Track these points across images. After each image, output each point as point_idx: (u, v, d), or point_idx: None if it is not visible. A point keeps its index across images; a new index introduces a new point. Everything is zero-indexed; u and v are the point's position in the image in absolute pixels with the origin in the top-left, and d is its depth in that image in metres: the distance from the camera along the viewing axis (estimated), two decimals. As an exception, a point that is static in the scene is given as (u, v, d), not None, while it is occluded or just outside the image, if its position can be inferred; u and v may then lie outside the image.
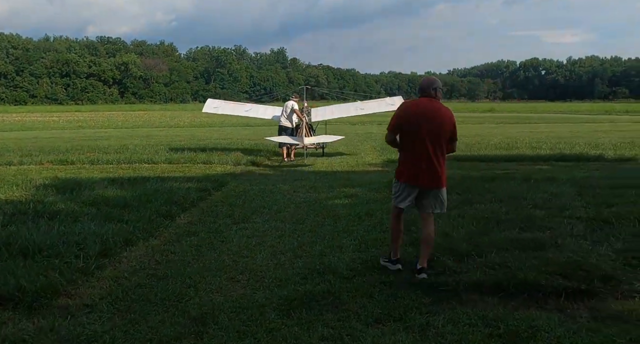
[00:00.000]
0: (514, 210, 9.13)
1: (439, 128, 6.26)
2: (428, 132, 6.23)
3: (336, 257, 7.12)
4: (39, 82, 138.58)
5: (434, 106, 6.35)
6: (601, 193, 10.49)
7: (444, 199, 6.50)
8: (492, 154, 18.37)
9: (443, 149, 6.36)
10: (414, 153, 6.35)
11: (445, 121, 6.32)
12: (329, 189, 12.44)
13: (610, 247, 6.89)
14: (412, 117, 6.35)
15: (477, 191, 10.86)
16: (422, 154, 6.29)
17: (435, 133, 6.25)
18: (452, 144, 6.52)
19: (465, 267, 6.29)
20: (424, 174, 6.32)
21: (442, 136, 6.30)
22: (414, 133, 6.29)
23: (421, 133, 6.24)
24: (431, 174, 6.31)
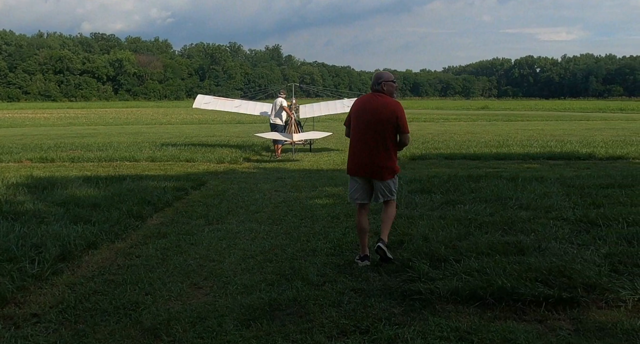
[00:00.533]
0: (498, 211, 8.77)
1: (380, 121, 6.43)
2: (370, 125, 6.47)
3: (308, 261, 6.75)
4: (32, 79, 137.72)
5: (378, 100, 6.53)
6: (589, 193, 10.14)
7: (393, 188, 6.73)
8: (482, 152, 18.02)
9: (387, 142, 6.51)
10: (357, 146, 6.64)
11: (387, 114, 6.44)
12: (311, 189, 12.06)
13: (596, 252, 6.53)
14: (358, 111, 6.63)
15: (462, 191, 10.51)
16: (363, 147, 6.56)
17: (377, 126, 6.44)
18: (401, 137, 6.64)
19: (441, 273, 5.91)
20: (367, 166, 6.57)
21: (385, 129, 6.45)
22: (358, 127, 6.58)
23: (364, 126, 6.51)
24: (373, 166, 6.54)
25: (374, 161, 6.52)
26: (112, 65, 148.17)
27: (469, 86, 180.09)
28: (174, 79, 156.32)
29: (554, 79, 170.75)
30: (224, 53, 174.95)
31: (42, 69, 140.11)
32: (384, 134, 6.45)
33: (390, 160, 6.59)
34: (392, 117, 6.45)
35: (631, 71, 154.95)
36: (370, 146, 6.50)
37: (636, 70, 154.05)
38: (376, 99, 6.55)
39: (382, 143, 6.47)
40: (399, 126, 6.50)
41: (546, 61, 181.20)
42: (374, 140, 6.47)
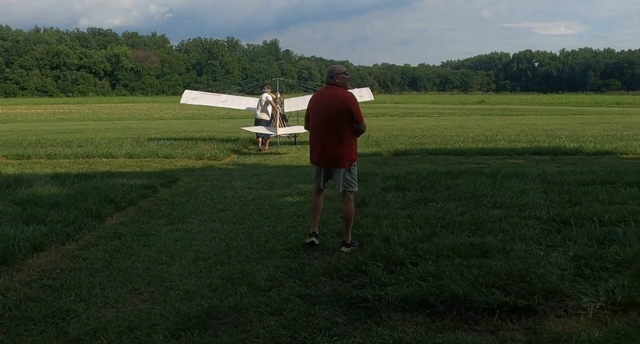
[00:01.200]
0: (470, 210, 8.41)
1: (336, 113, 6.78)
2: (325, 117, 6.86)
3: (261, 264, 6.40)
4: (29, 75, 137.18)
5: (331, 93, 6.90)
6: (569, 190, 9.79)
7: (352, 178, 7.02)
8: (468, 147, 17.63)
9: (344, 132, 6.82)
10: (315, 136, 7.07)
11: (342, 106, 6.77)
12: (285, 186, 11.69)
13: (564, 254, 6.17)
14: (315, 105, 7.05)
15: (438, 188, 10.14)
16: (320, 137, 6.97)
17: (332, 117, 6.80)
18: (358, 126, 6.92)
19: (395, 278, 5.55)
20: (323, 155, 6.99)
21: (339, 119, 6.78)
22: (316, 119, 7.00)
23: (321, 119, 6.91)
24: (330, 155, 6.93)
25: (333, 150, 6.88)
26: (109, 61, 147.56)
27: (467, 81, 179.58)
28: (171, 74, 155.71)
29: (553, 73, 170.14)
30: (222, 48, 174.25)
31: (39, 64, 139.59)
32: (340, 124, 6.79)
33: (348, 148, 6.91)
34: (346, 109, 6.76)
35: (629, 65, 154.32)
36: (328, 137, 6.86)
37: (634, 64, 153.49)
38: (330, 92, 6.91)
39: (339, 133, 6.81)
40: (354, 116, 6.81)
41: (544, 55, 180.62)
42: (331, 131, 6.83)
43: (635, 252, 6.07)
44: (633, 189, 9.90)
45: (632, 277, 5.37)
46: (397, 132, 24.83)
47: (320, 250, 6.85)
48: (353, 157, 6.99)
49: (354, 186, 7.04)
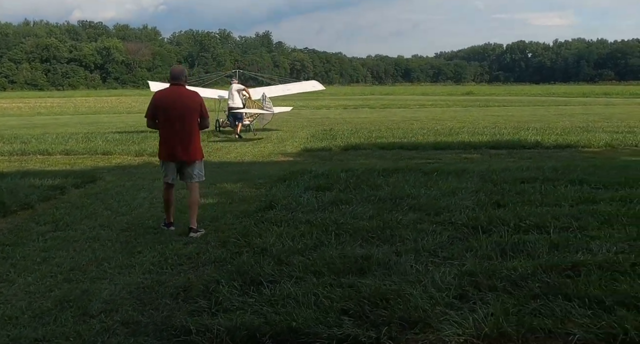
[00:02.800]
0: (382, 213, 7.56)
1: (188, 110, 7.33)
2: (176, 114, 7.26)
3: (113, 281, 5.57)
4: (18, 68, 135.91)
5: (182, 92, 7.42)
6: (503, 189, 8.94)
7: (201, 169, 7.70)
8: (426, 141, 16.78)
9: (192, 128, 7.40)
10: (167, 134, 7.40)
11: (192, 103, 7.39)
12: (209, 185, 10.73)
13: (456, 268, 5.33)
14: (165, 103, 7.35)
15: (363, 188, 9.27)
16: (173, 134, 7.34)
17: (185, 114, 7.30)
18: (202, 122, 7.58)
19: (244, 302, 4.71)
20: (177, 151, 7.37)
21: (191, 116, 7.36)
22: (165, 117, 7.33)
23: (170, 116, 7.28)
24: (182, 150, 7.36)
25: (185, 145, 7.35)
26: (100, 54, 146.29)
27: (460, 72, 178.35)
28: (163, 67, 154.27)
29: (546, 63, 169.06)
30: (213, 40, 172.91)
31: (29, 57, 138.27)
32: (190, 120, 7.35)
33: (198, 142, 7.60)
34: (196, 106, 7.39)
35: (622, 56, 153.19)
36: (181, 133, 7.31)
37: (627, 54, 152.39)
38: (180, 91, 7.42)
39: (190, 129, 7.36)
40: (202, 112, 7.46)
41: (538, 46, 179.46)
42: (183, 127, 7.30)
43: (536, 267, 5.23)
44: (574, 187, 9.06)
45: (516, 301, 4.54)
46: (364, 125, 23.96)
47: (190, 265, 6.01)
48: (202, 150, 7.76)
49: (202, 176, 7.74)
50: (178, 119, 7.24)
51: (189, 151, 7.38)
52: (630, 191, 8.60)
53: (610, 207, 7.49)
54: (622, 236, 6.23)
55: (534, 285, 4.87)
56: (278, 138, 19.69)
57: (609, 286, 4.79)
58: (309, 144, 16.64)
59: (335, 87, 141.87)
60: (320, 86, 27.73)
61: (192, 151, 7.41)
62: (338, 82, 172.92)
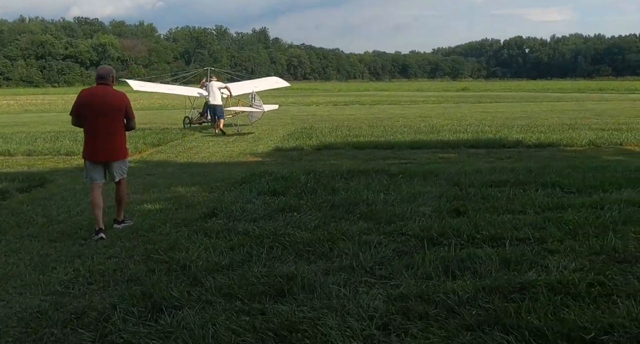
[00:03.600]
0: (328, 223, 6.94)
1: (113, 109, 7.26)
2: (103, 114, 7.20)
3: (8, 306, 4.94)
4: (13, 65, 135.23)
5: (107, 92, 7.32)
6: (468, 194, 8.30)
7: (125, 167, 7.66)
8: (404, 140, 16.12)
9: (116, 128, 7.35)
10: (92, 133, 7.33)
11: (118, 103, 7.31)
12: (164, 189, 10.21)
13: (387, 291, 4.71)
14: (91, 103, 7.26)
15: (319, 193, 8.64)
16: (98, 134, 7.28)
17: (110, 114, 7.25)
18: (129, 123, 7.54)
19: (133, 332, 4.09)
20: (104, 150, 7.33)
21: (117, 116, 7.31)
22: (90, 117, 7.25)
23: (97, 116, 7.20)
24: (109, 149, 7.34)
25: (110, 144, 7.32)
26: (96, 50, 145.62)
27: (457, 67, 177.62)
28: (159, 63, 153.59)
29: (543, 59, 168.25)
30: (210, 36, 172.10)
31: (24, 54, 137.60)
32: (115, 121, 7.30)
33: (123, 142, 7.55)
34: (122, 105, 7.33)
35: (620, 51, 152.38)
36: (106, 132, 7.26)
37: (625, 50, 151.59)
38: (106, 91, 7.33)
39: (115, 128, 7.33)
40: (128, 112, 7.40)
41: (535, 42, 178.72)
42: (109, 126, 7.25)
43: (479, 290, 4.61)
44: (545, 191, 8.45)
45: (445, 333, 3.92)
46: (347, 122, 23.30)
47: (102, 284, 5.38)
48: (126, 149, 7.80)
49: (125, 173, 7.68)
50: (102, 119, 7.21)
51: (112, 151, 7.37)
52: (604, 196, 7.98)
53: (579, 215, 6.85)
54: (584, 250, 5.61)
55: (472, 312, 4.25)
56: (254, 137, 19.05)
57: (556, 313, 4.17)
58: (282, 144, 15.99)
59: (332, 83, 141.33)
60: (283, 82, 27.73)
61: (115, 151, 7.41)
62: (335, 78, 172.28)
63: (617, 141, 15.02)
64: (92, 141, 7.32)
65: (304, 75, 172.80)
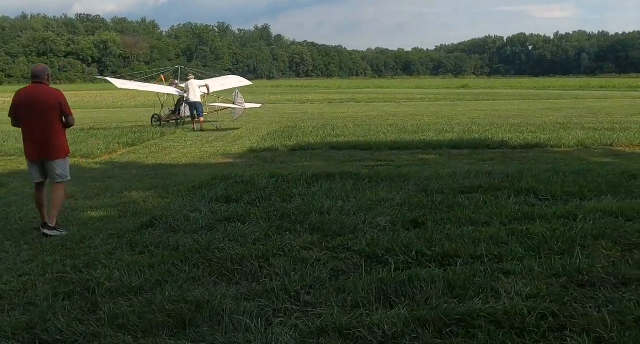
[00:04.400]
0: (272, 235, 6.30)
1: (49, 107, 7.17)
2: (37, 113, 7.13)
3: None
4: (15, 62, 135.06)
5: (42, 90, 7.25)
6: (433, 202, 7.63)
7: (63, 169, 7.44)
8: (386, 140, 15.43)
9: (52, 126, 7.23)
10: (28, 132, 7.29)
11: (53, 101, 7.20)
12: (117, 194, 9.58)
13: (305, 323, 4.07)
14: (23, 102, 7.22)
15: (274, 200, 8.00)
16: (34, 133, 7.23)
17: (42, 113, 7.14)
18: (66, 120, 7.40)
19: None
20: (41, 149, 7.25)
21: (52, 114, 7.20)
22: (26, 115, 7.20)
23: (31, 115, 7.15)
24: (44, 149, 7.24)
25: (47, 143, 7.22)
26: (97, 47, 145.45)
27: (460, 65, 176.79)
28: (160, 60, 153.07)
29: (546, 56, 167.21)
30: (212, 33, 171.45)
31: (26, 51, 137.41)
32: (50, 118, 7.20)
33: (60, 140, 7.36)
34: (57, 104, 7.19)
35: (623, 48, 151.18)
36: (42, 131, 7.19)
37: (628, 47, 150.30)
38: (41, 89, 7.24)
39: (52, 127, 7.21)
40: (64, 110, 7.27)
41: (538, 39, 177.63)
42: (43, 125, 7.17)
43: (408, 322, 3.95)
44: (518, 198, 7.78)
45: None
46: (334, 121, 22.57)
47: None
48: (66, 149, 7.56)
49: (67, 176, 7.54)
50: (38, 117, 7.15)
51: (48, 149, 7.25)
52: (580, 204, 7.31)
53: (547, 227, 6.19)
54: (544, 271, 4.96)
55: (394, 354, 3.60)
56: (235, 136, 18.41)
57: (494, 356, 3.53)
58: (259, 144, 15.33)
59: (334, 80, 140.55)
60: (247, 81, 28.38)
61: (52, 149, 7.28)
62: (338, 75, 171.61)
63: (607, 141, 14.30)
64: (28, 140, 7.30)
65: (306, 72, 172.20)
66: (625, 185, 8.49)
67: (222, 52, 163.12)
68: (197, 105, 20.92)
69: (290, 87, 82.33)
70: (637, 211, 6.82)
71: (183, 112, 22.60)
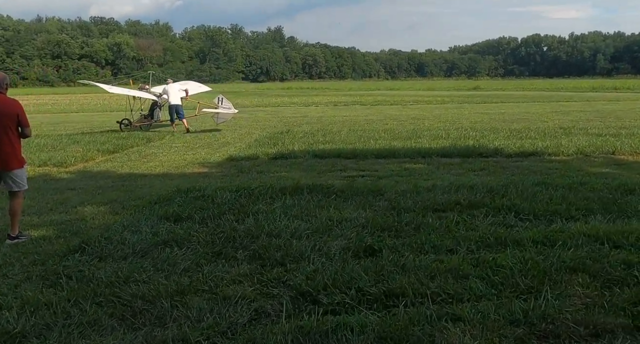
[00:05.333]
0: (205, 264, 5.56)
1: (5, 117, 7.02)
2: None
3: None
4: (29, 64, 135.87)
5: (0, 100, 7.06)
6: (399, 222, 6.85)
7: (20, 178, 7.32)
8: (375, 147, 14.57)
9: (11, 136, 7.10)
10: None
11: (10, 111, 7.07)
12: (70, 208, 8.89)
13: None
14: None
15: (227, 218, 7.25)
16: None
17: (2, 122, 7.00)
18: (23, 131, 7.29)
19: None
20: None
21: (9, 124, 7.06)
22: None
23: None
24: (2, 157, 7.09)
25: (4, 153, 7.09)
26: (111, 50, 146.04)
27: (474, 66, 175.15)
28: (173, 62, 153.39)
29: (561, 57, 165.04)
30: (225, 35, 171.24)
31: (40, 54, 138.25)
32: (9, 129, 7.06)
33: (14, 151, 7.22)
34: (13, 114, 7.08)
35: (639, 48, 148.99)
36: None
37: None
38: None
39: (7, 137, 7.06)
40: (20, 120, 7.17)
41: (553, 39, 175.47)
42: (2, 135, 7.02)
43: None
44: (496, 217, 6.99)
45: None
46: (330, 126, 21.74)
47: None
48: (21, 158, 7.42)
49: (24, 185, 7.41)
50: None
51: (6, 160, 7.15)
52: (563, 226, 6.48)
53: (519, 257, 5.39)
54: (500, 317, 4.17)
55: None
56: (222, 142, 17.66)
57: None
58: (242, 152, 14.53)
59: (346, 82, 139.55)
60: (205, 87, 28.56)
61: (7, 159, 7.16)
62: (351, 77, 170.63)
63: (609, 149, 13.32)
64: None
65: (319, 74, 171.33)
66: (619, 202, 7.66)
67: (234, 54, 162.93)
68: (179, 108, 21.41)
69: (300, 89, 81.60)
70: (626, 236, 6.00)
71: (157, 117, 22.82)
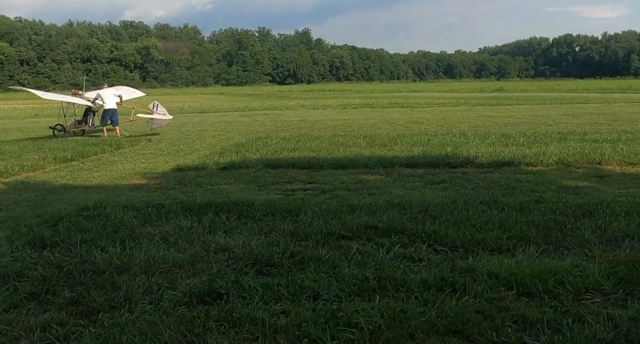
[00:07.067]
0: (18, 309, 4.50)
1: None
2: None
3: None
4: (60, 68, 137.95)
5: None
6: (284, 255, 5.69)
7: None
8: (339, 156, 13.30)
9: None
10: None
11: None
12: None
13: None
14: None
15: (98, 244, 6.19)
16: None
17: None
18: None
19: None
20: None
21: None
22: None
23: None
24: None
25: None
26: (140, 53, 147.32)
27: (504, 67, 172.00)
28: (201, 66, 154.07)
29: (594, 57, 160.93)
30: (252, 38, 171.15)
31: (70, 58, 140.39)
32: None
33: None
34: None
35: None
36: None
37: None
38: None
39: None
40: None
41: (586, 39, 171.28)
42: None
43: None
44: (405, 248, 5.78)
45: None
46: (318, 131, 20.54)
47: None
48: None
49: None
50: None
51: None
52: (474, 263, 5.23)
53: (388, 309, 4.21)
54: None
55: None
56: (190, 149, 16.60)
57: None
58: (193, 161, 13.40)
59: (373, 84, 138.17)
60: (140, 92, 27.93)
61: None
62: (378, 79, 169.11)
63: (597, 158, 11.84)
64: None
65: (347, 76, 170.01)
66: (567, 228, 6.37)
67: (262, 57, 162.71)
68: (114, 113, 21.41)
69: (322, 92, 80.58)
70: (545, 279, 4.75)
71: (92, 122, 22.49)
